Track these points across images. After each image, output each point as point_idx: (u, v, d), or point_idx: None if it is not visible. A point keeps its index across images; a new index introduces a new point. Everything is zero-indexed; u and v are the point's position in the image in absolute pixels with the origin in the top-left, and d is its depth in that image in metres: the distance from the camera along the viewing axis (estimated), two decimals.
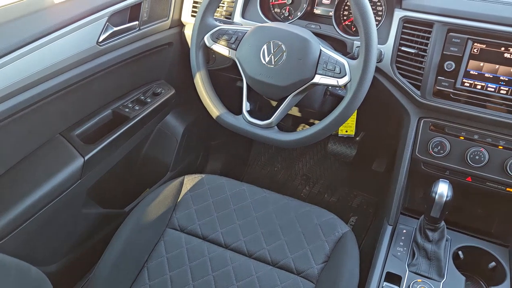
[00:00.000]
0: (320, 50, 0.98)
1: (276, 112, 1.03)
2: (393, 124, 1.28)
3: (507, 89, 1.02)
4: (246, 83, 1.06)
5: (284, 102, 1.02)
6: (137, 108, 1.32)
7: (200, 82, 1.10)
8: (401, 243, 1.12)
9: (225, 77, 1.43)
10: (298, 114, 1.57)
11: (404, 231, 1.16)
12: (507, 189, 1.10)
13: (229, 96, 1.31)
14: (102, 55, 1.14)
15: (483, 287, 1.09)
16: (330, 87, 1.16)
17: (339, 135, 1.29)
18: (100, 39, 1.11)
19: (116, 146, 1.26)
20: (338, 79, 0.95)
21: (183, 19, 1.40)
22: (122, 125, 1.26)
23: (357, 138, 1.82)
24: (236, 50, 1.05)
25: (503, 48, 1.00)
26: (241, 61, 1.04)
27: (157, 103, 1.37)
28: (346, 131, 1.26)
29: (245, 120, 1.06)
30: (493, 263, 1.10)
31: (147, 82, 1.42)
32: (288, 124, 1.88)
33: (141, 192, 1.57)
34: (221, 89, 1.20)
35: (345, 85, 0.95)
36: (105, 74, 1.20)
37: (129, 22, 1.21)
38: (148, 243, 1.07)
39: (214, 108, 1.09)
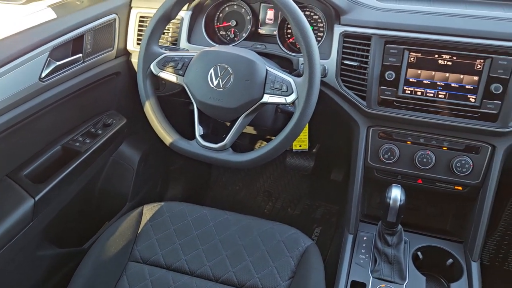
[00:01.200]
0: (267, 70, 1.01)
1: (229, 134, 1.03)
2: (345, 134, 1.32)
3: (444, 93, 1.08)
4: (197, 107, 1.06)
5: (236, 124, 1.03)
6: (88, 141, 1.28)
7: (151, 111, 1.09)
8: (363, 250, 1.15)
9: (177, 102, 1.43)
10: (254, 132, 1.59)
11: (365, 238, 1.19)
12: (455, 187, 1.16)
13: (182, 120, 1.31)
14: (46, 90, 1.11)
15: (443, 284, 1.13)
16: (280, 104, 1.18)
17: (293, 151, 1.32)
18: (43, 75, 1.08)
19: (69, 182, 1.22)
20: (286, 97, 0.98)
21: (129, 48, 1.39)
22: (73, 160, 1.22)
23: (314, 150, 1.85)
24: (183, 76, 1.06)
25: (436, 56, 1.07)
26: (189, 86, 1.05)
27: (109, 134, 1.34)
28: (300, 146, 1.29)
29: (199, 144, 1.06)
30: (451, 260, 1.15)
31: (96, 113, 1.40)
32: (245, 142, 1.90)
33: (99, 227, 1.52)
34: (174, 114, 1.19)
35: (293, 102, 0.98)
36: (52, 109, 1.16)
37: (72, 55, 1.18)
38: (110, 280, 1.03)
39: (167, 135, 1.08)
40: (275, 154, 1.02)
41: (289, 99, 0.97)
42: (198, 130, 1.07)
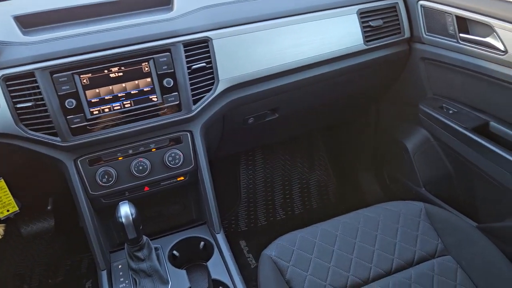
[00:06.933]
0: None
1: None
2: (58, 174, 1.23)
3: (129, 102, 1.13)
4: None
5: None
6: None
7: None
8: (122, 279, 1.11)
9: None
10: None
11: (120, 266, 1.15)
12: (178, 179, 1.24)
13: None
14: None
15: (204, 266, 1.20)
16: None
17: (2, 219, 1.15)
18: None
19: None
20: None
21: None
22: None
23: (49, 207, 1.68)
24: None
25: (106, 71, 1.09)
26: None
27: None
28: (8, 211, 1.13)
29: None
30: (203, 243, 1.23)
31: None
32: None
33: None
34: None
35: None
36: None
37: None
38: None
39: None
40: None
41: None
42: None
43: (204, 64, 1.18)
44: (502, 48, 1.13)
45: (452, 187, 1.52)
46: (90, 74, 1.09)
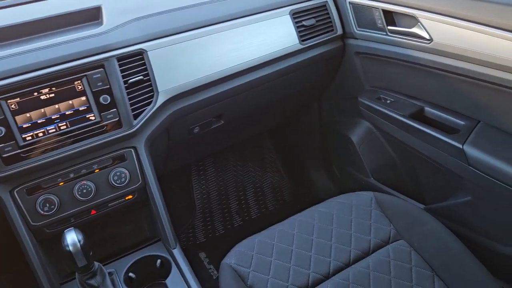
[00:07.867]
0: None
1: None
2: None
3: (64, 123, 1.07)
4: None
5: None
6: None
7: None
8: None
9: None
10: None
11: None
12: (126, 198, 1.19)
13: None
14: None
15: (163, 284, 1.16)
16: None
17: None
18: None
19: None
20: None
21: None
22: None
23: None
24: None
25: (36, 93, 1.03)
26: None
27: None
28: None
29: None
30: (159, 261, 1.19)
31: None
32: None
33: None
34: None
35: None
36: None
37: None
38: None
39: None
40: None
41: None
42: None
43: (141, 77, 1.14)
44: (427, 37, 1.19)
45: (398, 174, 1.58)
46: (18, 98, 1.02)
